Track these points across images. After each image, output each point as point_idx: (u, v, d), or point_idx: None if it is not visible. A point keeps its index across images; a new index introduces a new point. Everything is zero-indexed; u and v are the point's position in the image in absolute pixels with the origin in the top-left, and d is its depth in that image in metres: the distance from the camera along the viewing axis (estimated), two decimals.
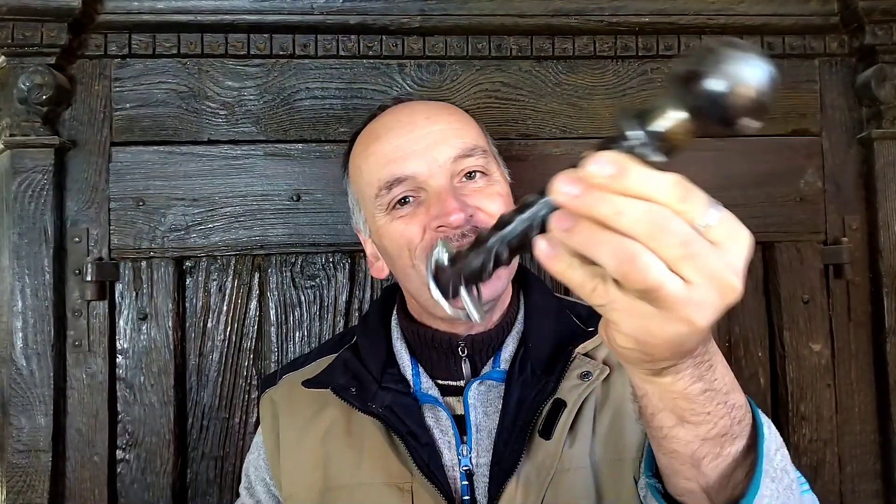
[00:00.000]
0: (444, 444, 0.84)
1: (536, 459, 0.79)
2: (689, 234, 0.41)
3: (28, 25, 1.07)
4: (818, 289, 1.20)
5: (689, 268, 0.40)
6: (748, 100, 0.37)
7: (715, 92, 0.37)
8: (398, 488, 0.82)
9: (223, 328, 1.16)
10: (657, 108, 0.41)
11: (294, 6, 1.13)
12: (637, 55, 1.20)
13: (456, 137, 0.85)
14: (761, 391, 1.20)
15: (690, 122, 0.40)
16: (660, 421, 0.55)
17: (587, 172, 0.41)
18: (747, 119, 0.38)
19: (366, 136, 0.91)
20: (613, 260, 0.40)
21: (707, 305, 0.42)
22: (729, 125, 0.38)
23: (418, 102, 0.93)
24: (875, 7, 1.16)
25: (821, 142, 1.23)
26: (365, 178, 0.89)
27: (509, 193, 0.89)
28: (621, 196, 0.40)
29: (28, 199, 1.10)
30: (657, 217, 0.40)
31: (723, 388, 0.54)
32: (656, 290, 0.40)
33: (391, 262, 0.89)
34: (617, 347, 0.48)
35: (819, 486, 1.17)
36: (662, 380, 0.51)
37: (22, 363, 1.08)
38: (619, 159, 0.41)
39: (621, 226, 0.40)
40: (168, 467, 1.11)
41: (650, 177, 0.41)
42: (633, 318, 0.43)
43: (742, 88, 0.36)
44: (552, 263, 0.44)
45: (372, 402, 0.86)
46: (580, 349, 0.86)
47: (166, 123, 1.15)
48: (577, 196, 0.41)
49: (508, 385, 0.84)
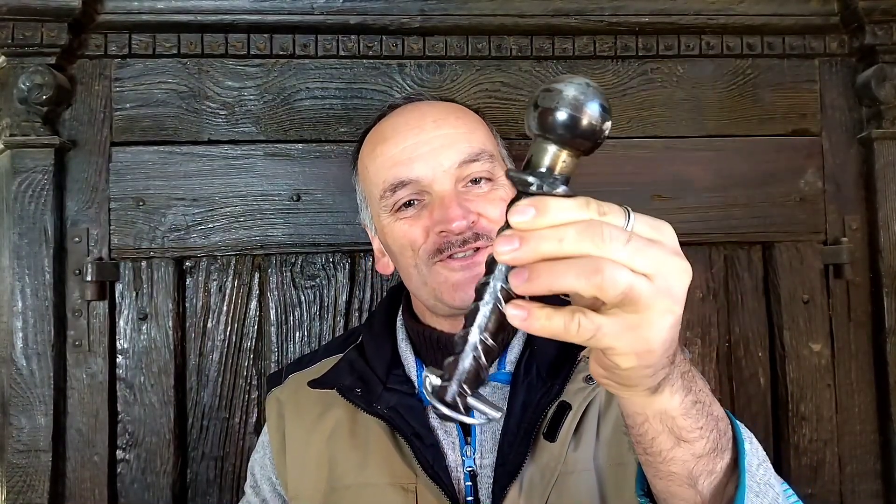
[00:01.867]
0: (448, 444, 0.84)
1: (540, 462, 0.80)
2: (625, 236, 0.43)
3: (28, 25, 1.07)
4: (818, 289, 1.20)
5: (641, 262, 0.43)
6: (590, 116, 0.45)
7: (563, 119, 0.45)
8: (403, 489, 0.82)
9: (223, 328, 1.16)
10: (533, 154, 0.47)
11: (294, 6, 1.13)
12: (637, 55, 1.20)
13: (463, 142, 0.86)
14: (761, 391, 1.20)
15: (561, 150, 0.46)
16: (659, 444, 0.56)
17: (514, 223, 0.44)
18: (598, 125, 0.45)
19: (374, 136, 0.92)
20: (583, 279, 0.42)
21: (673, 291, 0.44)
22: (590, 137, 0.45)
23: (427, 103, 0.93)
24: (875, 7, 1.16)
25: (821, 142, 1.23)
26: (371, 178, 0.90)
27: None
28: (553, 228, 0.43)
29: (28, 199, 1.10)
30: (594, 229, 0.43)
31: (706, 400, 0.56)
32: (630, 291, 0.42)
33: (395, 259, 0.91)
34: (621, 374, 0.48)
35: (819, 486, 1.17)
36: (661, 397, 0.52)
37: (22, 363, 1.08)
38: (534, 201, 0.44)
39: (568, 249, 0.43)
40: (168, 467, 1.11)
41: (566, 203, 0.44)
42: (625, 333, 0.44)
43: (579, 108, 0.45)
44: (531, 323, 0.45)
45: (377, 403, 0.86)
46: (586, 352, 0.86)
47: (166, 123, 1.15)
48: (517, 248, 0.43)
49: (514, 387, 0.84)
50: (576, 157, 0.47)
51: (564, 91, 0.45)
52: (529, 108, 0.46)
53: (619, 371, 0.48)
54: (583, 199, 0.44)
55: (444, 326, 0.90)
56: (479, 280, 0.49)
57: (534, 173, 0.46)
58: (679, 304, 0.45)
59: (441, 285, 0.83)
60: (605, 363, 0.48)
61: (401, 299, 0.98)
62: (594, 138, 0.46)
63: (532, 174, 0.46)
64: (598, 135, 0.46)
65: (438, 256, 0.83)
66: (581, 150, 0.46)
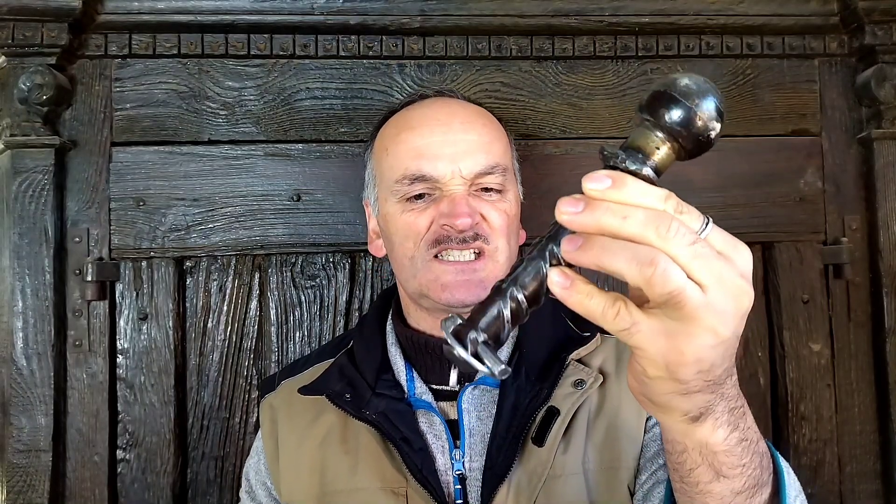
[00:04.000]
0: (437, 448, 0.84)
1: (528, 466, 0.80)
2: (694, 237, 0.41)
3: (28, 26, 1.07)
4: (818, 289, 1.20)
5: (701, 270, 0.41)
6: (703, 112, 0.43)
7: (675, 107, 0.44)
8: (393, 493, 0.82)
9: (223, 328, 1.16)
10: (633, 135, 0.46)
11: (294, 6, 1.13)
12: (637, 55, 1.20)
13: (484, 152, 0.87)
14: (761, 391, 1.20)
15: (661, 139, 0.45)
16: (697, 476, 0.54)
17: (586, 189, 0.42)
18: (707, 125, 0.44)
19: (400, 120, 0.92)
20: (634, 266, 0.40)
21: (726, 311, 0.42)
22: (695, 134, 0.44)
23: (458, 103, 0.94)
24: (875, 7, 1.16)
25: (821, 142, 1.23)
26: (390, 161, 0.90)
27: (517, 214, 0.91)
28: (623, 205, 0.41)
29: (28, 200, 1.10)
30: (663, 219, 0.41)
31: (754, 437, 0.54)
32: (679, 295, 0.40)
33: (391, 246, 0.91)
34: (649, 385, 0.47)
35: (819, 486, 1.17)
36: (702, 428, 0.50)
37: (22, 363, 1.08)
38: (613, 174, 0.42)
39: (630, 231, 0.41)
40: (168, 467, 1.12)
41: (646, 187, 0.42)
42: (658, 337, 0.42)
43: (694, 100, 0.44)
44: (569, 294, 0.43)
45: (366, 408, 0.86)
46: (574, 355, 0.86)
47: (167, 123, 1.16)
48: (580, 212, 0.42)
49: (503, 390, 0.84)
50: (673, 153, 0.45)
51: (685, 82, 0.44)
52: (659, 92, 0.45)
53: (646, 380, 0.46)
54: (664, 192, 0.42)
55: (429, 327, 0.90)
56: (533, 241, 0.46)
57: (626, 150, 0.45)
58: (727, 327, 0.42)
59: (431, 282, 0.84)
60: (634, 367, 0.47)
61: (391, 303, 0.98)
62: (698, 136, 0.44)
63: (624, 150, 0.45)
64: (704, 134, 0.44)
65: (436, 248, 0.84)
66: (682, 143, 0.44)
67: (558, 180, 1.17)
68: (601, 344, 0.89)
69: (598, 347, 0.88)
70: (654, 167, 0.44)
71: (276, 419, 0.94)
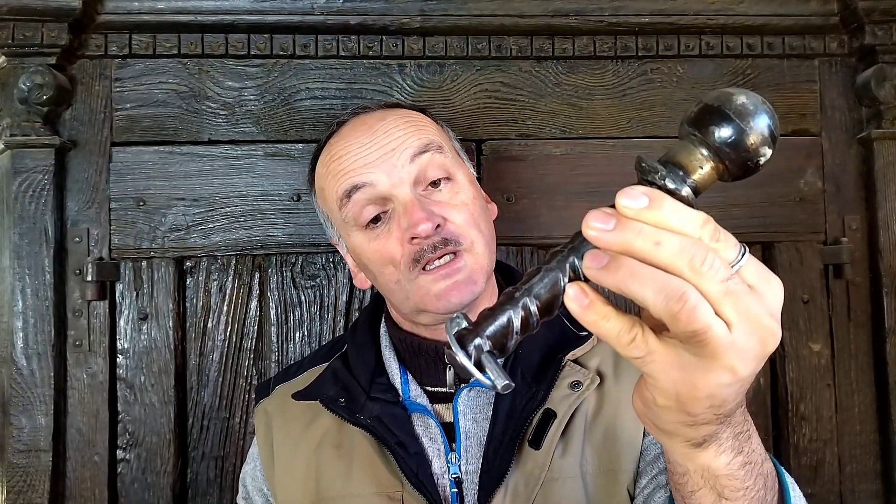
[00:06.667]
0: (433, 452, 0.83)
1: (525, 469, 0.79)
2: (728, 273, 0.38)
3: (28, 25, 1.07)
4: (818, 289, 1.20)
5: (729, 308, 0.38)
6: (754, 132, 0.41)
7: (724, 123, 0.40)
8: (389, 498, 0.81)
9: (223, 328, 1.16)
10: (674, 148, 0.42)
11: (294, 6, 1.13)
12: (637, 55, 1.20)
13: (411, 137, 0.84)
14: (761, 391, 1.20)
15: (706, 157, 0.42)
16: (699, 498, 0.53)
17: (619, 205, 0.39)
18: (757, 147, 0.41)
19: (325, 157, 0.90)
20: (661, 299, 0.38)
21: (749, 352, 0.39)
22: (742, 155, 0.41)
23: (370, 114, 0.90)
24: (875, 7, 1.16)
25: (821, 142, 1.23)
26: (328, 196, 0.89)
27: (476, 196, 0.88)
28: (657, 228, 0.38)
29: (28, 200, 1.10)
30: (699, 249, 0.38)
31: (758, 460, 0.53)
32: (704, 333, 0.38)
33: (373, 276, 0.88)
34: (656, 412, 0.45)
35: (819, 486, 1.17)
36: (705, 454, 0.49)
37: (22, 363, 1.08)
38: (651, 192, 0.39)
39: (662, 259, 0.38)
40: (168, 467, 1.12)
41: (684, 210, 0.39)
42: (673, 369, 0.40)
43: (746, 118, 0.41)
44: (586, 313, 0.40)
45: (360, 413, 0.85)
46: (570, 356, 0.85)
47: (167, 123, 1.16)
48: (610, 230, 0.39)
49: (498, 393, 0.83)
50: (716, 174, 0.42)
51: (742, 100, 0.40)
52: (694, 105, 0.42)
53: (654, 407, 0.45)
54: (702, 216, 0.39)
55: (425, 333, 0.89)
56: (556, 248, 0.44)
57: (666, 165, 0.42)
58: (747, 367, 0.40)
59: (424, 297, 0.81)
60: (643, 393, 0.45)
61: (383, 306, 0.97)
62: (747, 160, 0.41)
63: (665, 164, 0.42)
64: (753, 159, 0.41)
65: (417, 266, 0.81)
66: (727, 165, 0.41)
67: (558, 180, 1.17)
68: (598, 344, 0.88)
69: (594, 347, 0.87)
70: (693, 186, 0.42)
71: (270, 424, 0.93)
